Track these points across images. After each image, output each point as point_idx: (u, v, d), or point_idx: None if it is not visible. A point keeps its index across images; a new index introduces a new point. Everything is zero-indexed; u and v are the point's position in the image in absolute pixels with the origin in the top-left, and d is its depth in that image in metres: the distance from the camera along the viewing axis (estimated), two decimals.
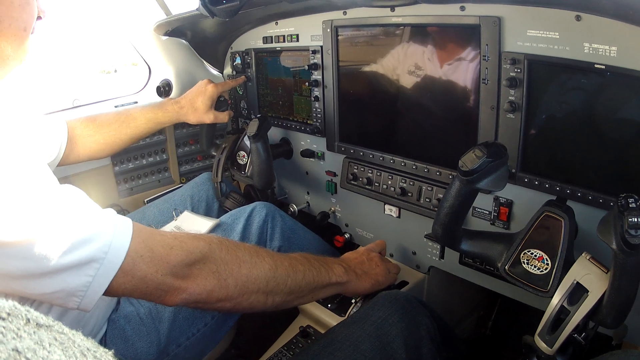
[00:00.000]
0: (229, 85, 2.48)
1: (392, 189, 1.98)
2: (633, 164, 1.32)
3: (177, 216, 2.21)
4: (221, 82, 2.42)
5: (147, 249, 1.22)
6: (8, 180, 1.01)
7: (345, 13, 1.97)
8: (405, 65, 1.83)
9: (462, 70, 1.65)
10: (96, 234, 1.13)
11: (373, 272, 1.78)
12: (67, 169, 2.28)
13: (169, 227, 2.15)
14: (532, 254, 1.36)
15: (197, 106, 2.34)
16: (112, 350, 0.66)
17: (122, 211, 2.54)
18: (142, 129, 2.26)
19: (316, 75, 2.19)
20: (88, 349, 0.60)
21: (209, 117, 2.36)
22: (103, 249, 1.13)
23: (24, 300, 1.24)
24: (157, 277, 1.23)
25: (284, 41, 2.34)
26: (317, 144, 2.37)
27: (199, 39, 2.72)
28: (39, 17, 1.28)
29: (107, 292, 1.17)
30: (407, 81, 1.84)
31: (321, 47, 2.12)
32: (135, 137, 2.28)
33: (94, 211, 1.18)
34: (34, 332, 0.54)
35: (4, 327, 0.51)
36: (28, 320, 0.56)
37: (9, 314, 0.54)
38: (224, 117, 2.40)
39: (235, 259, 1.39)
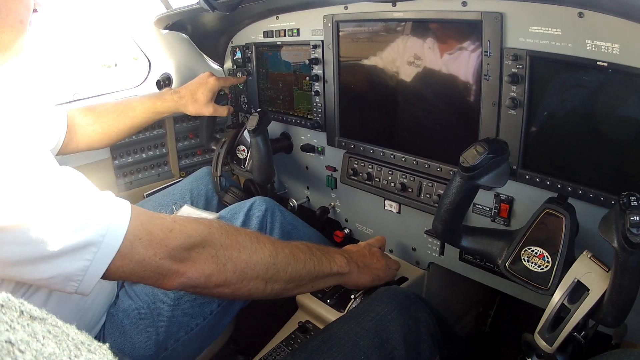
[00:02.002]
0: (230, 81, 2.47)
1: (393, 184, 1.98)
2: (635, 162, 1.31)
3: (176, 210, 2.21)
4: (223, 77, 2.41)
5: (146, 232, 1.21)
6: (4, 164, 1.00)
7: (346, 8, 1.96)
8: (406, 61, 1.82)
9: (463, 66, 1.64)
10: (93, 218, 1.11)
11: (374, 267, 1.78)
12: (65, 162, 2.27)
13: None
14: (532, 251, 1.35)
15: (197, 97, 2.31)
16: (107, 344, 0.66)
17: None
18: (141, 118, 2.25)
19: (317, 70, 2.19)
20: (82, 342, 0.60)
21: (208, 110, 2.33)
22: (100, 233, 1.11)
23: (20, 285, 1.24)
24: (156, 261, 1.22)
25: (284, 35, 2.33)
26: (317, 138, 2.37)
27: (200, 33, 2.71)
28: (34, 10, 1.27)
29: (105, 276, 1.16)
30: (408, 77, 1.83)
31: (322, 41, 2.11)
32: (134, 127, 2.26)
33: (91, 194, 1.17)
34: (28, 325, 0.54)
35: None
36: (22, 312, 0.55)
37: (2, 306, 0.54)
38: (223, 110, 2.38)
39: (235, 244, 1.37)
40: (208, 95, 2.32)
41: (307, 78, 2.25)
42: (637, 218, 0.99)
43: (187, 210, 2.19)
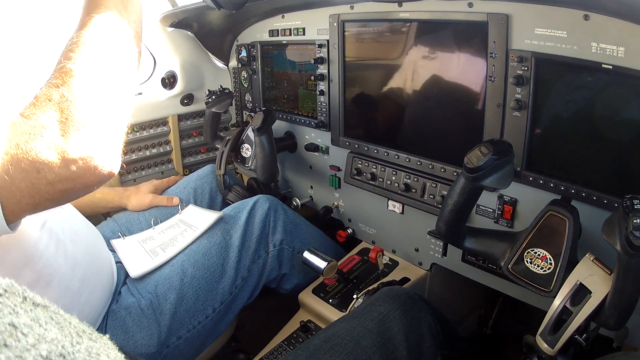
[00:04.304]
0: (162, 201, 2.37)
1: (396, 184, 1.98)
2: (638, 164, 1.31)
3: (181, 209, 2.22)
4: (159, 197, 2.34)
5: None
6: None
7: (352, 7, 1.97)
8: (412, 61, 1.82)
9: (468, 67, 1.64)
10: None
11: None
12: None
13: (173, 220, 2.16)
14: (535, 253, 1.35)
15: (140, 188, 2.35)
16: (108, 335, 0.66)
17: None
18: (84, 203, 2.16)
19: (322, 69, 2.19)
20: (84, 331, 0.60)
21: (147, 198, 2.31)
22: None
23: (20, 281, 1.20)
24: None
25: (290, 34, 2.33)
26: (321, 138, 2.37)
27: (205, 31, 2.71)
28: None
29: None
30: (413, 77, 1.83)
31: (327, 41, 2.12)
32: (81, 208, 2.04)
33: None
34: (31, 310, 0.54)
35: (0, 303, 0.51)
36: (25, 298, 0.56)
37: (5, 291, 0.54)
38: (161, 200, 2.33)
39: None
40: (150, 188, 2.34)
41: (312, 77, 2.25)
42: None
43: (192, 210, 2.20)
